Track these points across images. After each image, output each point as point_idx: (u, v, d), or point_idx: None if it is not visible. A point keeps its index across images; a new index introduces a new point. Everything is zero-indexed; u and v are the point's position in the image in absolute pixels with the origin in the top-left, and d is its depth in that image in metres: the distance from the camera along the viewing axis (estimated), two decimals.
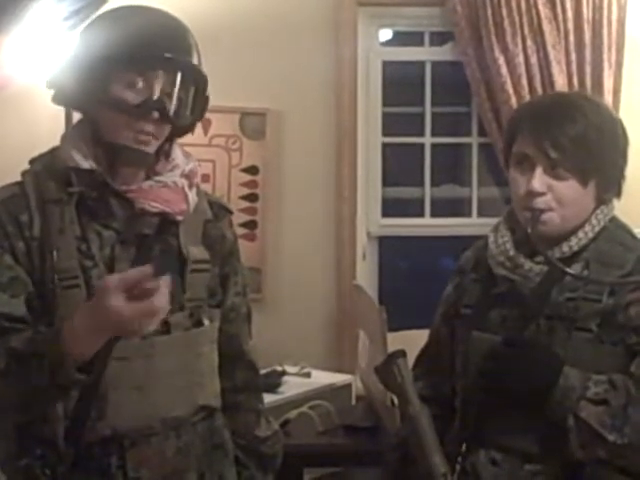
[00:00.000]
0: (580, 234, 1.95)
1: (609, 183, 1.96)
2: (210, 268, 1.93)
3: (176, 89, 1.80)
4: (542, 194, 1.91)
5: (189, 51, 1.83)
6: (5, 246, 1.76)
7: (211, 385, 1.94)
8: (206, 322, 1.91)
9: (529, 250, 1.96)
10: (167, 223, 1.86)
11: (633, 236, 2.03)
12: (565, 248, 1.94)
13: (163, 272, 1.52)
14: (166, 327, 1.83)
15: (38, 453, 1.77)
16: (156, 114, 1.77)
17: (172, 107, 1.79)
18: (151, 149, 1.82)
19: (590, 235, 1.95)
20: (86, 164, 1.80)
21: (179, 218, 1.86)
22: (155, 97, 1.77)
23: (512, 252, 1.97)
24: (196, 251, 1.90)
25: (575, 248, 1.94)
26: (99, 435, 1.78)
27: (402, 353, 1.96)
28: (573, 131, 1.89)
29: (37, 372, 1.63)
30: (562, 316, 1.91)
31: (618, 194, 2.01)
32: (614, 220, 2.01)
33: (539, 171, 1.92)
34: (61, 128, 1.88)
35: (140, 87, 1.77)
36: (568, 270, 1.88)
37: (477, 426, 1.98)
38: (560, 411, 1.84)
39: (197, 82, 1.85)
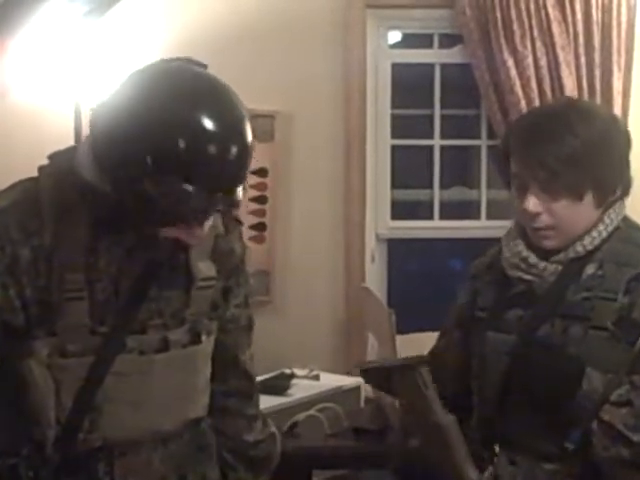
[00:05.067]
0: (594, 233, 1.95)
1: (607, 191, 1.95)
2: (215, 284, 1.90)
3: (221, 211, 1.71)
4: (538, 214, 1.93)
5: (239, 181, 1.70)
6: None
7: (203, 398, 1.93)
8: (204, 337, 1.87)
9: (542, 251, 1.97)
10: (179, 247, 1.77)
11: None
12: (579, 248, 1.95)
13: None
14: (165, 344, 1.81)
15: (24, 453, 1.77)
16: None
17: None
18: None
19: (604, 234, 1.96)
20: (101, 187, 1.69)
21: (192, 243, 1.77)
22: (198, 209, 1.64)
23: (525, 253, 1.98)
24: (204, 267, 1.86)
25: (589, 247, 1.95)
26: (90, 446, 1.77)
27: (422, 359, 1.93)
28: (560, 150, 1.88)
29: None
30: (577, 315, 1.91)
31: (625, 194, 2.00)
32: (626, 220, 2.02)
33: (532, 191, 1.93)
34: (70, 137, 1.84)
35: (185, 200, 1.61)
36: None
37: (495, 426, 1.98)
38: (582, 414, 1.84)
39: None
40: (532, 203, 1.92)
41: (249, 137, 1.68)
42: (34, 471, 1.77)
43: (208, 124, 1.59)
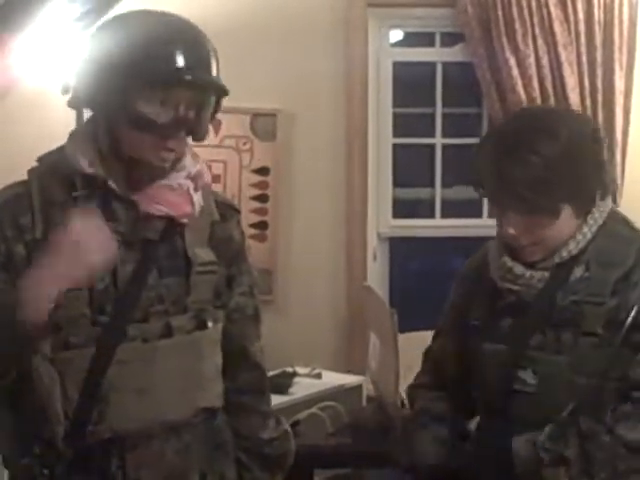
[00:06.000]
0: (578, 237, 1.94)
1: (585, 201, 1.94)
2: (217, 270, 1.92)
3: (200, 108, 1.78)
4: (517, 236, 1.92)
5: (209, 65, 1.80)
6: None
7: (214, 387, 1.93)
8: (210, 324, 1.89)
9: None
10: (172, 226, 1.85)
11: (632, 227, 2.01)
12: (564, 253, 1.94)
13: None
14: (168, 330, 1.83)
15: (37, 452, 1.77)
16: (182, 133, 1.76)
17: (197, 124, 1.78)
18: (168, 163, 1.81)
19: (588, 236, 1.94)
20: (90, 169, 1.78)
21: (184, 221, 1.85)
22: (181, 115, 1.75)
23: (510, 264, 1.97)
24: (202, 253, 1.88)
25: (574, 252, 1.94)
26: (99, 437, 1.78)
27: None
28: (526, 176, 1.85)
29: (2, 323, 1.66)
30: (567, 321, 1.91)
31: (606, 194, 1.98)
32: (612, 214, 1.99)
33: (507, 217, 1.92)
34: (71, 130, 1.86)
35: (166, 105, 1.73)
36: None
37: (500, 435, 1.98)
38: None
39: (217, 96, 1.83)
40: (511, 227, 1.92)
41: (200, 37, 1.82)
42: (49, 469, 1.77)
43: (166, 35, 1.76)
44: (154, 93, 1.73)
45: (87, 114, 1.85)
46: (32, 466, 1.77)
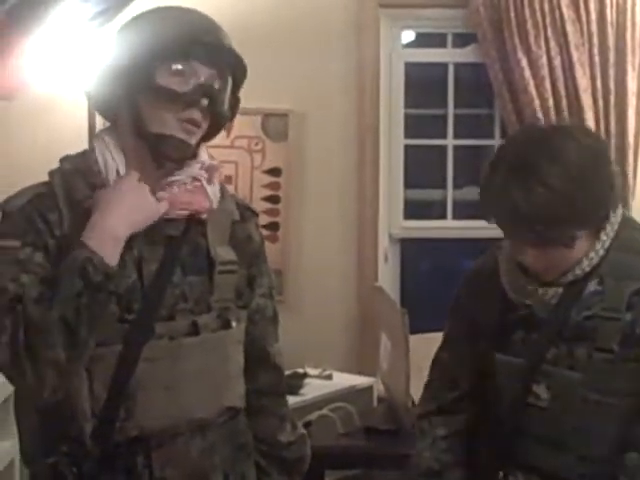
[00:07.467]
0: (591, 254, 1.90)
1: (599, 223, 1.89)
2: (237, 269, 1.92)
3: (220, 84, 1.82)
4: (532, 263, 1.90)
5: (228, 41, 1.86)
6: (38, 244, 1.75)
7: (237, 387, 1.94)
8: (234, 324, 1.90)
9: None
10: (194, 222, 1.86)
11: None
12: (578, 271, 1.90)
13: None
14: (194, 328, 1.83)
15: (64, 451, 1.77)
16: (205, 101, 1.78)
17: (218, 95, 1.82)
18: (193, 140, 1.82)
19: (601, 252, 1.90)
20: (114, 170, 1.80)
21: (204, 216, 1.86)
22: (202, 82, 1.78)
23: (522, 281, 1.95)
24: (224, 252, 1.89)
25: (587, 269, 1.90)
26: (127, 435, 1.78)
27: None
28: (540, 213, 1.79)
29: (69, 283, 1.67)
30: (581, 336, 1.88)
31: (616, 207, 1.92)
32: (625, 222, 1.95)
33: (518, 245, 1.89)
34: (84, 135, 1.87)
35: (186, 75, 1.78)
36: None
37: (514, 449, 1.97)
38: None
39: (235, 72, 1.87)
40: (523, 257, 1.90)
41: (219, 27, 1.89)
42: (77, 467, 1.77)
43: (184, 16, 1.85)
44: (175, 65, 1.77)
45: (98, 124, 1.87)
46: (57, 465, 1.77)
